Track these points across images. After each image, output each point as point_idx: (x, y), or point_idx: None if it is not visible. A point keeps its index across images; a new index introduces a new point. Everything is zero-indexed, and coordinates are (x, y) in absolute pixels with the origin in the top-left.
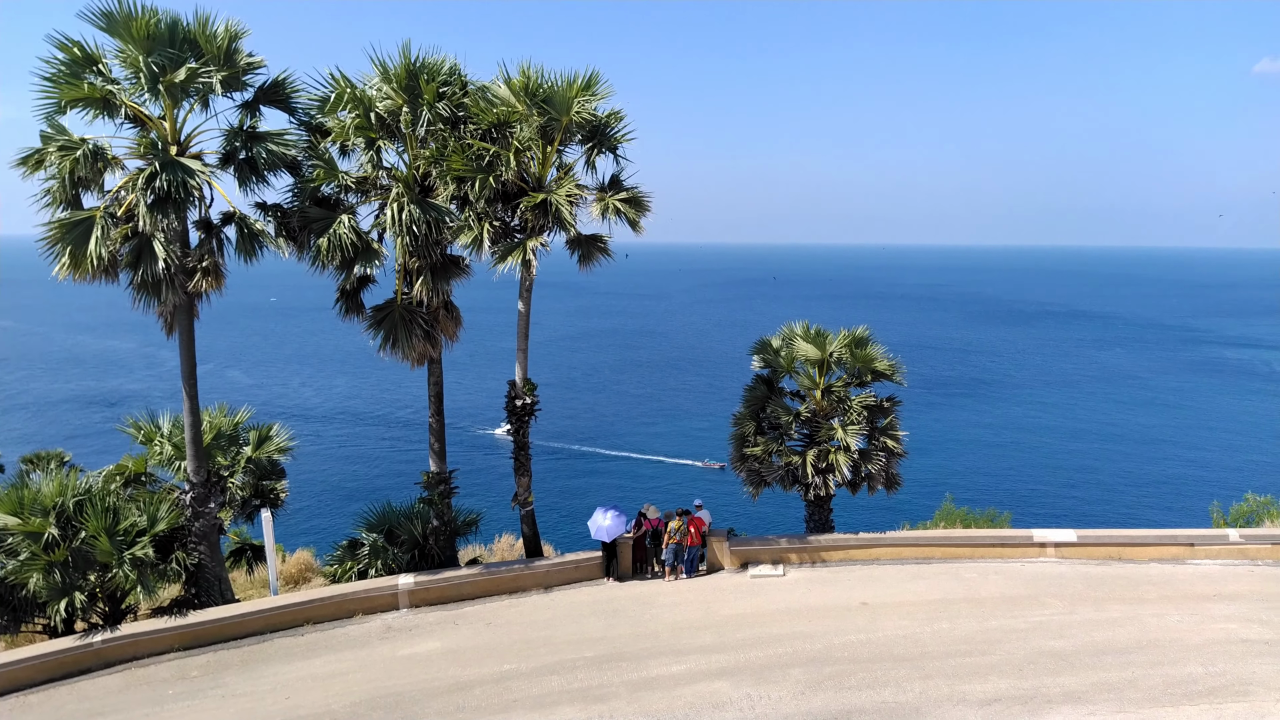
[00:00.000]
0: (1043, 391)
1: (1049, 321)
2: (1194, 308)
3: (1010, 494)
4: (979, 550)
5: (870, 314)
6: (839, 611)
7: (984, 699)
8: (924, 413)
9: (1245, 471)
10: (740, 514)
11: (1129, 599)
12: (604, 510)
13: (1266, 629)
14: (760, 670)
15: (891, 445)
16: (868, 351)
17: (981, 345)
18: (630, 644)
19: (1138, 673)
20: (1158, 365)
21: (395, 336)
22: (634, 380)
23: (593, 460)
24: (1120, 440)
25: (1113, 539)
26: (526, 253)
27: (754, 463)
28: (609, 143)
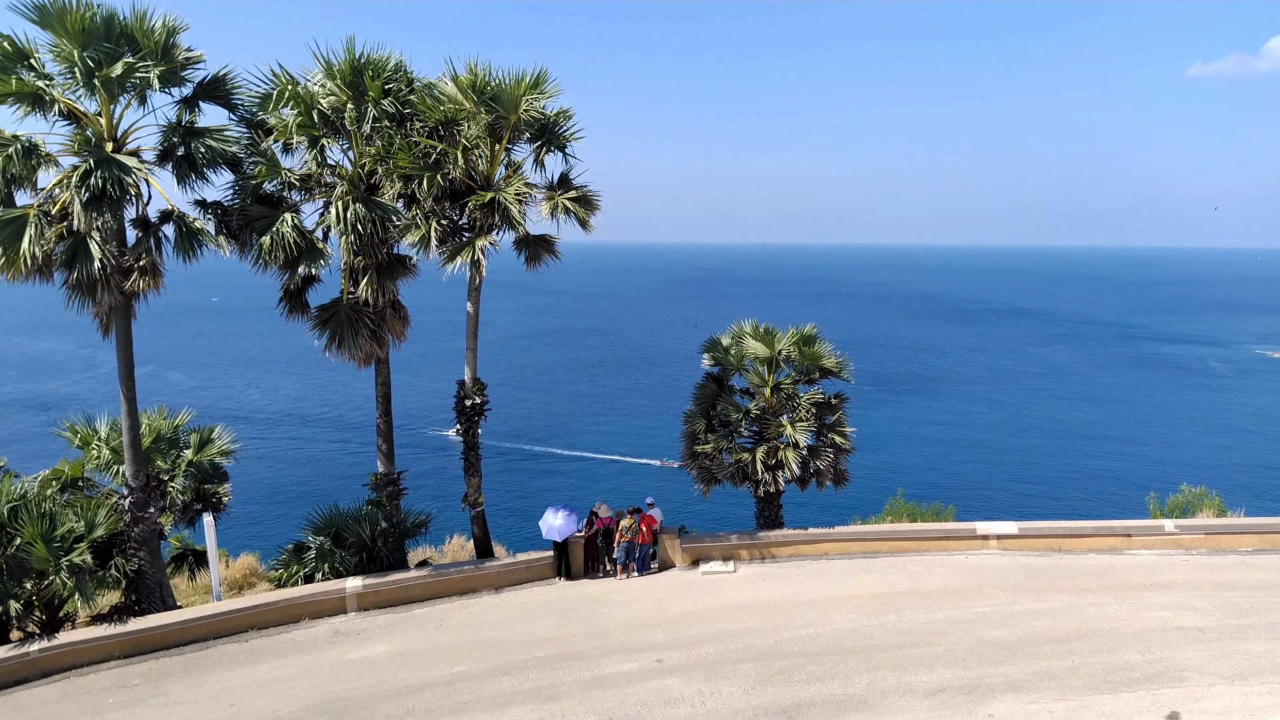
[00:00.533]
0: (986, 387)
1: (992, 319)
2: (1131, 305)
3: (955, 488)
4: (924, 544)
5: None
6: (789, 606)
7: (929, 689)
8: (871, 409)
9: (1181, 464)
10: (692, 511)
11: (1069, 589)
12: (555, 510)
13: (1200, 616)
14: (712, 666)
15: (839, 441)
16: (815, 349)
17: (927, 343)
18: (582, 643)
19: (1078, 661)
20: (1096, 361)
21: (341, 336)
22: (586, 379)
23: (544, 460)
24: (1060, 434)
25: (1053, 530)
26: (475, 252)
27: (705, 460)
28: (558, 141)
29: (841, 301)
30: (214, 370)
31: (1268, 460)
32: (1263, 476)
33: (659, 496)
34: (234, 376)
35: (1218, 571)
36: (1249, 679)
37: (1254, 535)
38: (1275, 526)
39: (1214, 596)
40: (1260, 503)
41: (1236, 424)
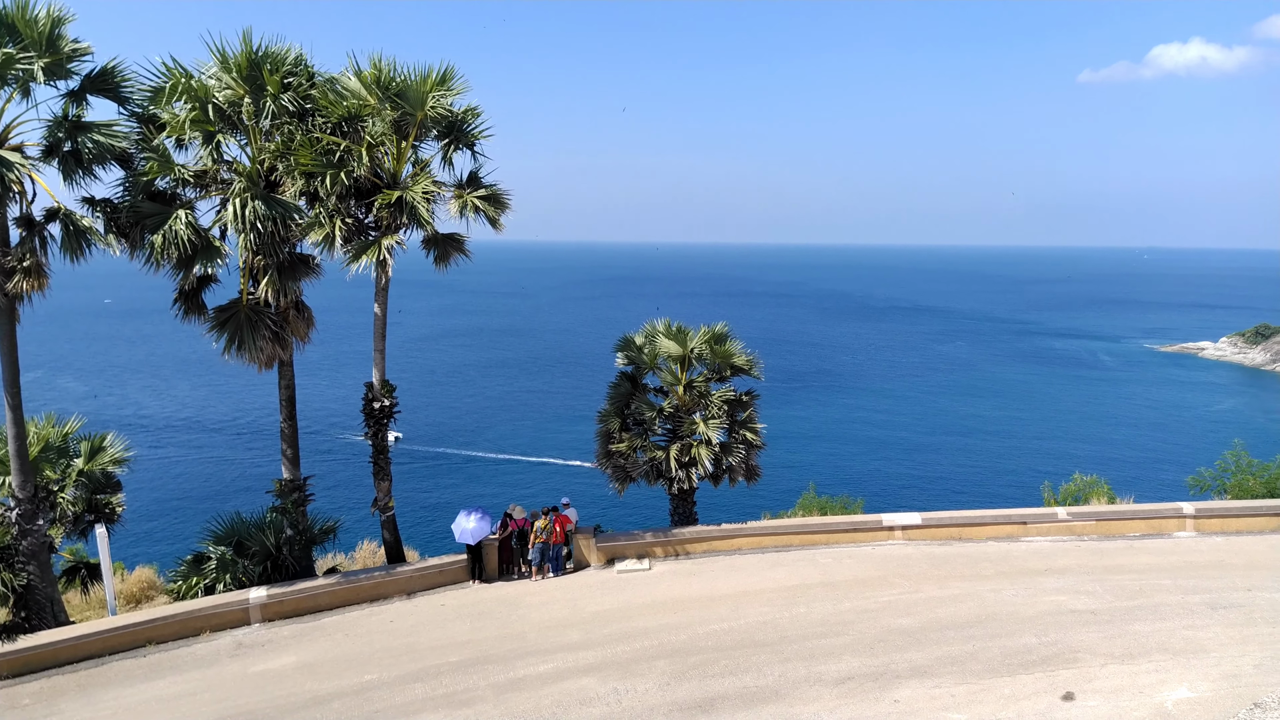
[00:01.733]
0: (892, 383)
1: (898, 316)
2: (1028, 302)
3: (863, 481)
4: (834, 536)
5: (731, 311)
6: (704, 602)
7: (838, 678)
8: (782, 405)
9: (1074, 453)
10: (607, 510)
11: (969, 576)
12: (468, 512)
13: (1092, 599)
14: (627, 664)
15: (751, 438)
16: (727, 347)
17: (836, 340)
18: (497, 646)
19: (978, 645)
20: (995, 356)
21: (241, 338)
22: (499, 380)
23: (458, 462)
24: (962, 426)
25: (954, 520)
26: (381, 251)
27: (619, 459)
28: (466, 139)
29: (752, 300)
30: (107, 375)
31: (1155, 448)
32: (1150, 464)
33: (574, 496)
34: (128, 382)
35: (1107, 556)
36: (1138, 658)
37: (1141, 521)
38: (1160, 512)
39: (1104, 580)
40: (1147, 489)
41: (1126, 414)
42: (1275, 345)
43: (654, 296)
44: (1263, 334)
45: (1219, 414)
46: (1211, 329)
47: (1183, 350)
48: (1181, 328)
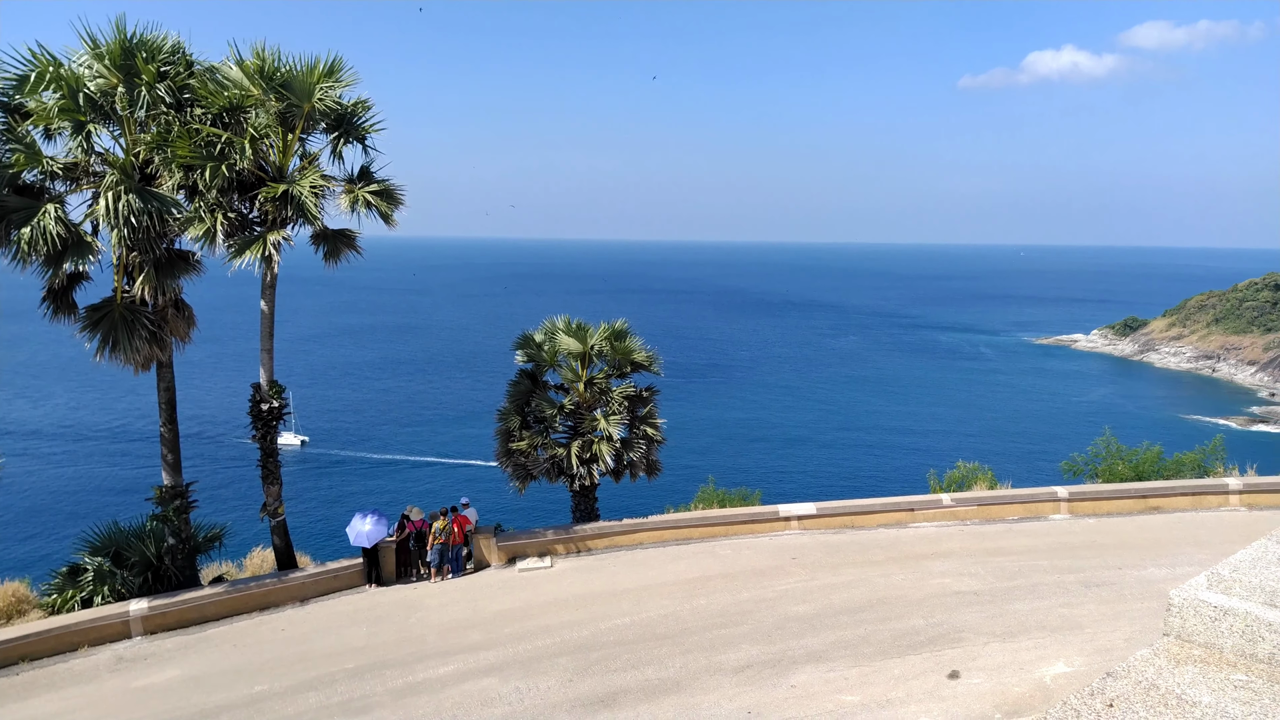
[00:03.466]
0: (787, 376)
1: (793, 312)
2: (914, 297)
3: (761, 473)
4: (733, 528)
5: (631, 308)
6: (606, 597)
7: (737, 666)
8: (682, 400)
9: (958, 441)
10: (508, 509)
11: (861, 562)
12: (363, 515)
13: (975, 581)
14: (529, 663)
15: (651, 433)
16: (627, 344)
17: (733, 335)
18: (395, 650)
19: (870, 629)
20: (884, 349)
21: (115, 339)
22: (395, 379)
23: (352, 464)
24: (853, 418)
25: (846, 509)
26: (266, 247)
27: (519, 457)
28: (356, 132)
29: (652, 297)
30: None
31: (1033, 435)
32: (1029, 450)
33: (474, 496)
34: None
35: (989, 539)
36: (1018, 636)
37: (1019, 505)
38: (1037, 496)
39: (986, 562)
40: (1025, 474)
41: (1006, 404)
42: (1142, 337)
43: (555, 293)
44: (1130, 326)
45: (1091, 402)
46: (1083, 322)
47: (1057, 342)
48: (1056, 321)
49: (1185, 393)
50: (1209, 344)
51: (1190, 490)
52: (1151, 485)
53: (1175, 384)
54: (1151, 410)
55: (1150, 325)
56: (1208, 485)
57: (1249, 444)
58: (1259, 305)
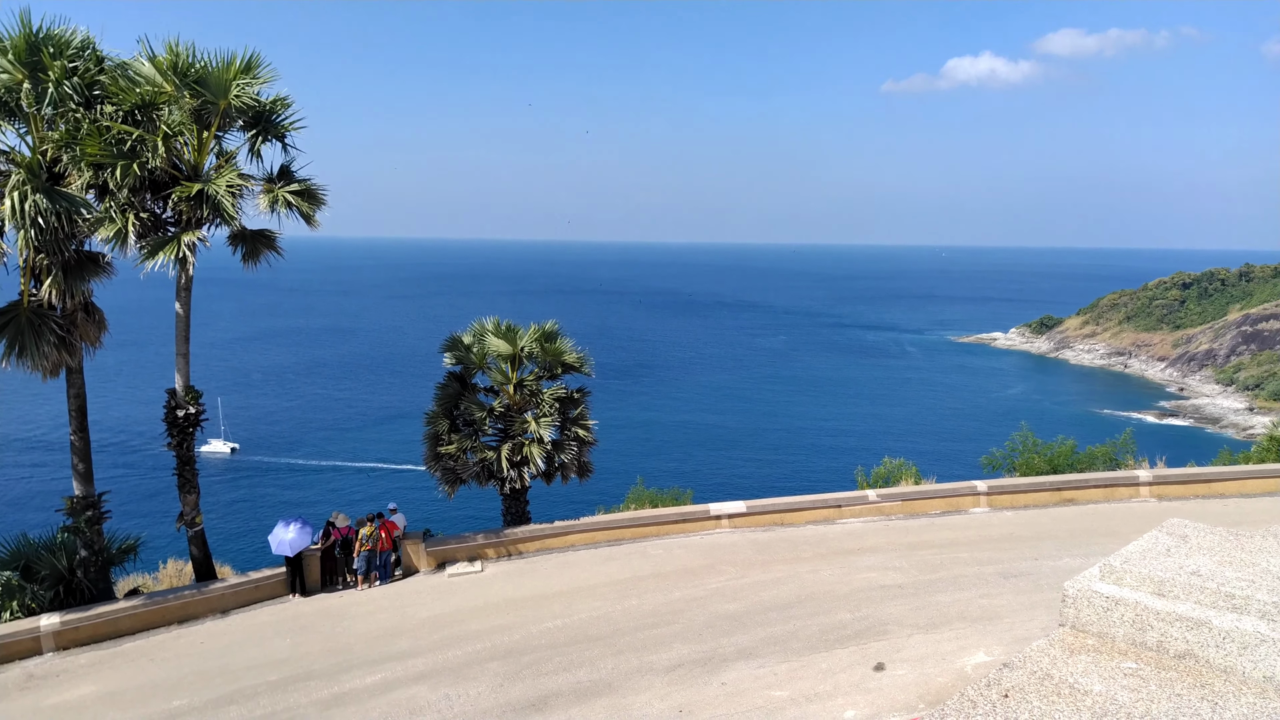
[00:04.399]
0: (718, 376)
1: (723, 312)
2: (840, 296)
3: (692, 472)
4: (664, 528)
5: (561, 308)
6: (537, 601)
7: (669, 665)
8: (613, 401)
9: (884, 438)
10: (438, 514)
11: (790, 559)
12: (286, 523)
13: (899, 575)
14: (458, 669)
15: (583, 434)
16: (557, 345)
17: (664, 335)
18: (320, 660)
19: (798, 624)
20: (812, 348)
21: (22, 344)
22: (322, 382)
23: (276, 470)
24: (782, 416)
25: (776, 506)
26: (181, 248)
27: (449, 461)
28: (275, 130)
29: (583, 297)
30: None
31: (955, 431)
32: (951, 446)
33: (402, 501)
34: None
35: (913, 534)
36: (940, 627)
37: (941, 499)
38: (958, 491)
39: (910, 556)
40: (948, 469)
41: (929, 400)
42: (1058, 335)
43: (484, 294)
44: (1046, 325)
45: (1010, 398)
46: (1002, 320)
47: (978, 340)
48: (976, 320)
49: (1098, 388)
50: (1121, 341)
51: (1103, 483)
52: (1066, 478)
53: (1089, 380)
54: (1067, 405)
55: (1065, 323)
56: (1119, 477)
57: (1158, 437)
58: (1168, 303)
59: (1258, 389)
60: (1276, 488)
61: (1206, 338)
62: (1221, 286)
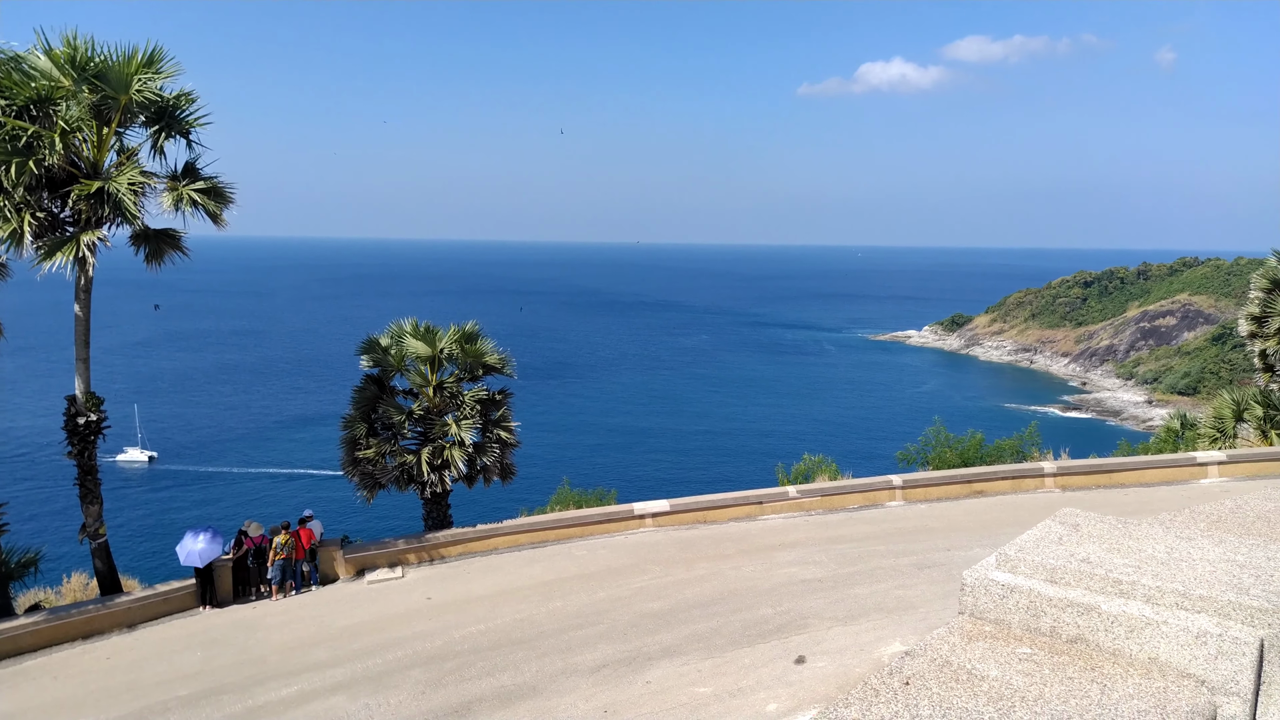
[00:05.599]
0: (640, 375)
1: (644, 311)
2: (759, 296)
3: (616, 472)
4: (589, 528)
5: (482, 309)
6: (459, 605)
7: (594, 666)
8: (536, 402)
9: (804, 434)
10: (357, 520)
11: (713, 556)
12: (195, 533)
13: (819, 569)
14: (379, 677)
15: (505, 436)
16: (478, 346)
17: (586, 335)
18: (233, 674)
19: (722, 621)
20: (732, 347)
21: None
22: (234, 386)
23: (185, 479)
24: (706, 414)
25: (699, 504)
26: (80, 248)
27: (367, 465)
28: (180, 126)
29: (504, 297)
30: None
31: (872, 426)
32: (867, 440)
33: (320, 507)
34: None
35: (831, 528)
36: (859, 619)
37: (858, 494)
38: (874, 485)
39: (829, 550)
40: (865, 464)
41: (847, 397)
42: (968, 332)
43: (402, 295)
44: (957, 322)
45: (923, 394)
46: (916, 319)
47: (893, 338)
48: (891, 318)
49: (1006, 383)
50: (1027, 338)
51: (1010, 474)
52: (976, 471)
53: (997, 375)
54: (976, 400)
55: (975, 321)
56: (1025, 469)
57: (1063, 430)
58: (1070, 301)
59: (1155, 382)
60: (1173, 477)
61: (1107, 334)
62: (1121, 285)
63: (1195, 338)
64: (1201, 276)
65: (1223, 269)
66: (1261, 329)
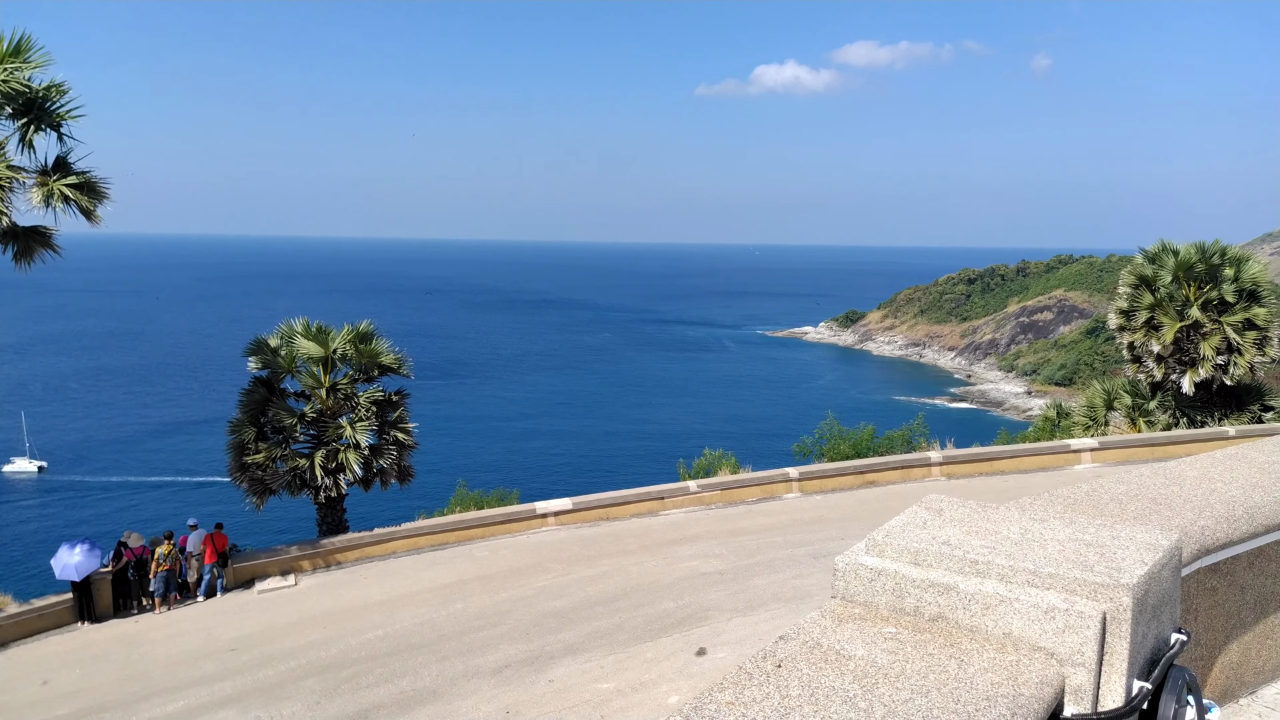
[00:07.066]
0: (542, 373)
1: (547, 310)
2: (662, 294)
3: (520, 471)
4: (490, 529)
5: (378, 308)
6: (355, 612)
7: (496, 667)
8: (435, 402)
9: (705, 429)
10: (248, 528)
11: (616, 553)
12: (70, 545)
13: (719, 561)
14: (270, 690)
15: (403, 438)
16: (373, 346)
17: (487, 334)
18: (114, 691)
19: (624, 617)
20: (634, 345)
21: None
22: (112, 390)
23: (60, 489)
24: (609, 411)
25: (601, 501)
26: None
27: (256, 471)
28: (50, 119)
29: (403, 296)
30: None
31: (771, 420)
32: (766, 434)
33: (208, 514)
34: None
35: (731, 521)
36: (758, 610)
37: (757, 487)
38: (772, 478)
39: (729, 543)
40: (764, 457)
41: (746, 392)
42: (861, 328)
43: (294, 294)
44: (851, 319)
45: (819, 388)
46: (812, 315)
47: (790, 335)
48: (788, 315)
49: (897, 377)
50: (916, 333)
51: (899, 465)
52: (867, 462)
53: (889, 369)
54: (869, 394)
55: (868, 317)
56: (914, 459)
57: (949, 420)
58: (956, 297)
59: (1034, 374)
60: (1049, 463)
61: (990, 328)
62: (1002, 281)
63: (1070, 331)
64: (1076, 273)
65: (1095, 266)
66: (1129, 323)
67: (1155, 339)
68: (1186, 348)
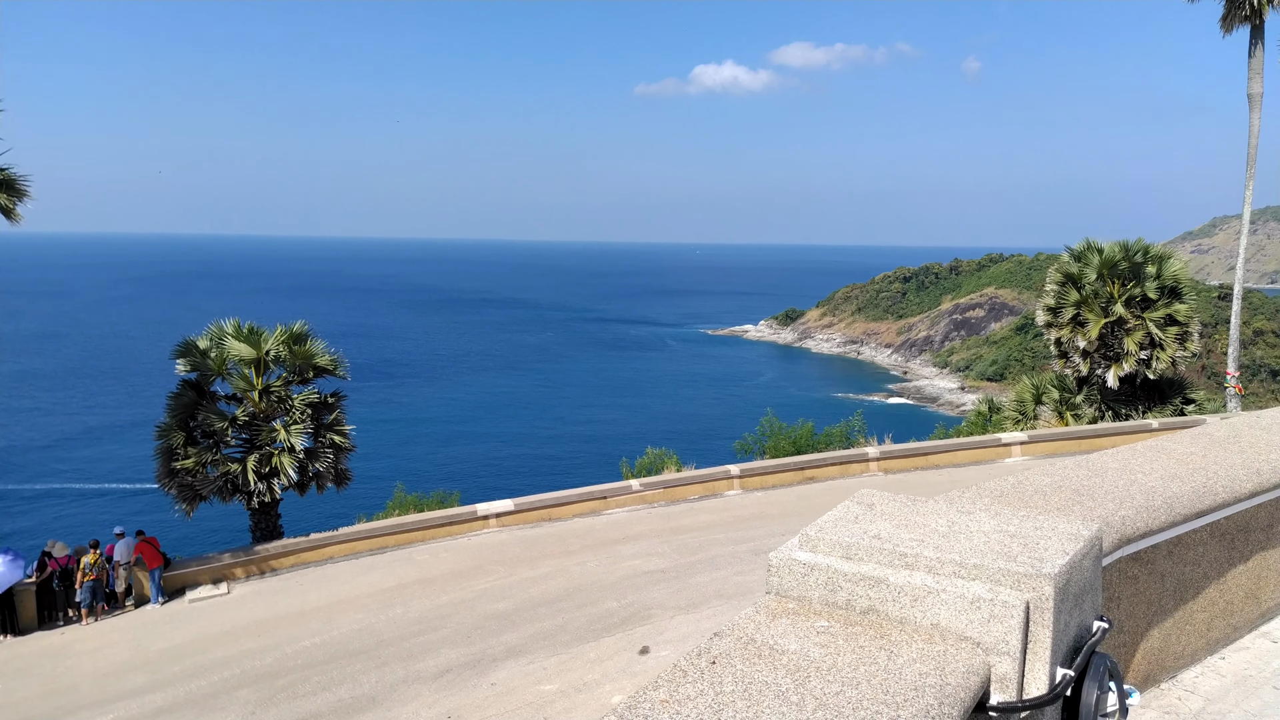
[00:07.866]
0: (483, 373)
1: (488, 309)
2: (604, 293)
3: (462, 473)
4: (430, 532)
5: (313, 308)
6: (291, 619)
7: (437, 672)
8: (373, 404)
9: (648, 428)
10: (178, 535)
11: (558, 553)
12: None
13: (661, 559)
14: (203, 700)
15: (339, 441)
16: (308, 348)
17: (426, 334)
18: (40, 705)
19: (567, 617)
20: (576, 344)
21: None
22: (29, 394)
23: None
24: (550, 411)
25: (543, 502)
26: None
27: (185, 476)
28: None
29: (339, 295)
30: None
31: (712, 418)
32: (708, 432)
33: (135, 522)
34: None
35: (673, 519)
36: (700, 607)
37: (699, 484)
38: (713, 475)
39: (671, 540)
40: (706, 455)
41: (688, 390)
42: (801, 326)
43: (225, 294)
44: (791, 317)
45: (760, 386)
46: (752, 313)
47: (731, 333)
48: (729, 313)
49: (835, 374)
50: (854, 330)
51: (838, 460)
52: (807, 458)
53: (828, 366)
54: (809, 391)
55: (807, 315)
56: (852, 455)
57: (886, 416)
58: (892, 295)
59: (967, 370)
60: (981, 457)
61: (924, 326)
62: (935, 280)
63: (1001, 328)
64: (1006, 271)
65: (1024, 264)
66: (1056, 319)
67: (1081, 335)
68: (1111, 343)
